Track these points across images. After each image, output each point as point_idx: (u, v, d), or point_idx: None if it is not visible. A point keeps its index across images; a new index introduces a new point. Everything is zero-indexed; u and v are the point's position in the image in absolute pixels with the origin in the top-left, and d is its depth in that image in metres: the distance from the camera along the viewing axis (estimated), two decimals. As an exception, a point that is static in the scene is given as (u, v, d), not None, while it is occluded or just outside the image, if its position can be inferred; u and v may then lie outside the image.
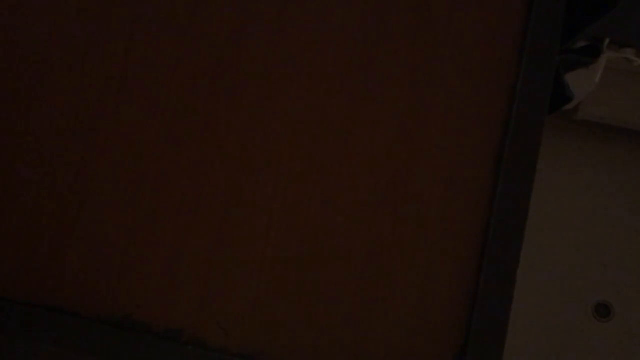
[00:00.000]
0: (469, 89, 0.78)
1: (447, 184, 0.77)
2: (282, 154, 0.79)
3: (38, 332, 0.79)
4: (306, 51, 0.80)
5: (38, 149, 0.81)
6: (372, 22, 0.79)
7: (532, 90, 0.77)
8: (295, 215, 0.78)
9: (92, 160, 0.80)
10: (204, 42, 0.80)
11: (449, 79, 0.78)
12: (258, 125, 0.79)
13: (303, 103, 0.79)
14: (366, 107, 0.79)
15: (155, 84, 0.81)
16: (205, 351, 0.78)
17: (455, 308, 0.76)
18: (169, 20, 0.81)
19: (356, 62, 0.79)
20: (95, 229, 0.80)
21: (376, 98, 0.79)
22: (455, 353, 0.76)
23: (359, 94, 0.79)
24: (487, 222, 0.76)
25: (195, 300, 0.79)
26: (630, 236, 1.66)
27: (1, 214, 0.81)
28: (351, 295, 0.77)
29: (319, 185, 0.78)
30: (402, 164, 0.78)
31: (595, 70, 1.24)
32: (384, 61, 0.79)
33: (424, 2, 0.79)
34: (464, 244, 0.77)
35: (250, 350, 0.78)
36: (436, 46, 0.79)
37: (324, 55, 0.80)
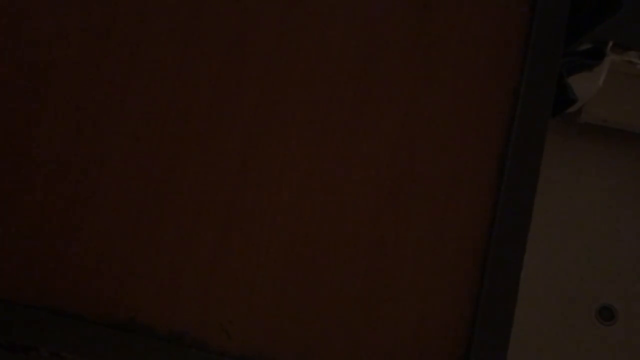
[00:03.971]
0: (472, 92, 0.78)
1: (450, 186, 0.77)
2: (285, 156, 0.79)
3: (41, 335, 0.79)
4: (309, 53, 0.80)
5: (42, 151, 0.81)
6: (375, 24, 0.79)
7: (535, 92, 0.77)
8: (297, 218, 0.78)
9: (95, 163, 0.80)
10: (207, 45, 0.81)
11: (452, 82, 0.78)
12: (261, 128, 0.79)
13: (306, 105, 0.79)
14: (369, 109, 0.79)
15: (159, 86, 0.81)
16: (207, 354, 0.78)
17: (458, 311, 0.76)
18: (174, 22, 0.81)
19: (359, 64, 0.79)
20: (99, 232, 0.80)
21: (379, 100, 0.79)
22: (459, 355, 0.76)
23: (362, 96, 0.79)
24: (491, 225, 0.76)
25: (198, 303, 0.79)
26: (634, 239, 1.65)
27: (5, 216, 0.81)
28: (354, 298, 0.77)
29: (321, 187, 0.78)
30: (405, 166, 0.78)
31: (598, 73, 1.24)
32: (387, 64, 0.79)
33: (427, 4, 0.79)
34: (467, 246, 0.77)
35: (253, 353, 0.78)
36: (439, 49, 0.79)
37: (327, 58, 0.80)
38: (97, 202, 0.80)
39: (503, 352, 0.74)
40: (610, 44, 1.25)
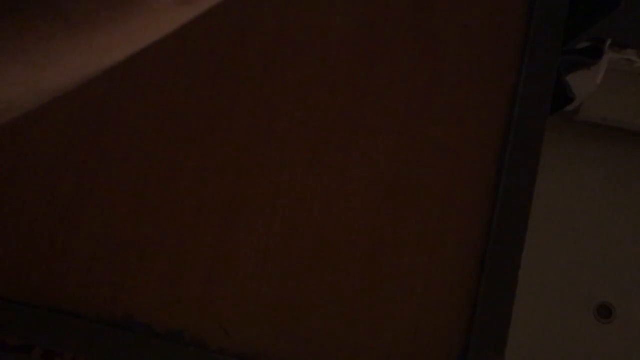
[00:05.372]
0: (471, 90, 0.78)
1: (448, 185, 0.77)
2: (284, 155, 0.79)
3: (38, 333, 0.79)
4: (308, 52, 0.80)
5: (40, 149, 0.81)
6: (374, 23, 0.79)
7: (533, 91, 0.77)
8: (296, 217, 0.78)
9: (94, 161, 0.80)
10: (206, 43, 0.80)
11: (450, 80, 0.78)
12: (260, 126, 0.79)
13: (305, 104, 0.79)
14: (368, 108, 0.79)
15: (157, 85, 0.80)
16: (206, 352, 0.78)
17: (456, 309, 0.76)
18: (171, 21, 0.81)
19: (358, 63, 0.79)
20: (97, 229, 0.80)
21: (378, 99, 0.79)
22: (457, 354, 0.76)
23: (361, 94, 0.79)
24: (489, 223, 0.76)
25: (197, 301, 0.79)
26: (632, 237, 1.65)
27: (3, 214, 0.81)
28: (353, 297, 0.77)
29: (321, 186, 0.78)
30: (404, 164, 0.78)
31: (597, 71, 1.24)
32: (385, 63, 0.79)
33: (425, 2, 0.79)
34: (466, 245, 0.77)
35: (252, 351, 0.78)
36: (438, 47, 0.79)
37: (326, 57, 0.80)
38: (95, 200, 0.80)
39: (501, 351, 0.74)
40: (609, 42, 1.25)
